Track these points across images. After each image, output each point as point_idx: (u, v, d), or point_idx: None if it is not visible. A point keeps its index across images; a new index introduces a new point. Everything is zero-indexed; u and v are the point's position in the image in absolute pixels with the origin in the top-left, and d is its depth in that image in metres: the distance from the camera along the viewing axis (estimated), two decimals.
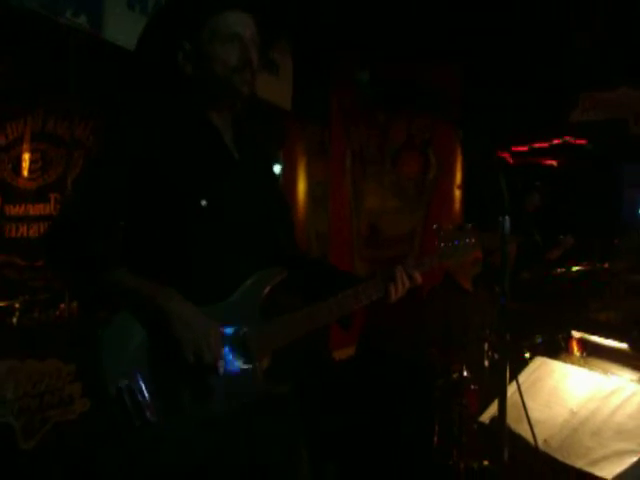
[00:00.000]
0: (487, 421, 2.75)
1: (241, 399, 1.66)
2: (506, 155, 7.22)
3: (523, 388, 2.85)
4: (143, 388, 1.55)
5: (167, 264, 1.68)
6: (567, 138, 6.73)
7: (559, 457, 2.41)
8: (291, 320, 1.75)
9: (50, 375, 2.89)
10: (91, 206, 1.65)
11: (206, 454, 1.62)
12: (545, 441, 2.51)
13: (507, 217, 1.81)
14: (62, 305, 4.90)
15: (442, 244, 2.03)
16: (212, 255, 1.71)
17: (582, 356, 2.96)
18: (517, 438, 2.60)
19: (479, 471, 3.47)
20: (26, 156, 6.75)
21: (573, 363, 2.84)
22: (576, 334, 3.02)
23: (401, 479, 3.86)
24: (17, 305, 4.62)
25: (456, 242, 2.05)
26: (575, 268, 4.14)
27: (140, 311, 1.59)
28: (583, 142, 6.77)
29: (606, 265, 4.36)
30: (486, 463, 3.42)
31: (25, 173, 6.72)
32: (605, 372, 2.69)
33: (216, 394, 1.62)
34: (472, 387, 3.71)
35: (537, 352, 3.72)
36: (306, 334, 1.77)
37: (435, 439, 3.79)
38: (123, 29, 3.14)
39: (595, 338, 2.95)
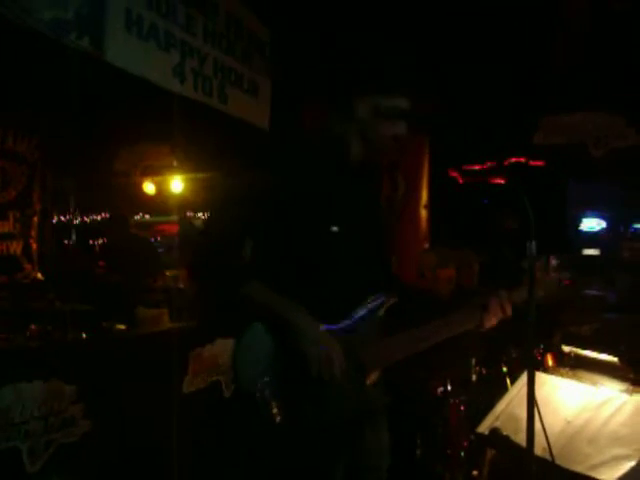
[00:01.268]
0: (486, 432, 2.88)
1: (354, 409, 1.83)
2: (456, 174, 7.47)
3: (516, 401, 3.02)
4: (271, 392, 1.73)
5: (298, 283, 1.84)
6: (520, 158, 7.00)
7: (560, 464, 2.56)
8: (395, 342, 1.93)
9: (54, 396, 2.88)
10: (236, 229, 1.84)
11: (318, 457, 1.77)
12: (544, 449, 2.65)
13: (534, 241, 1.94)
14: (32, 326, 4.82)
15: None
16: (338, 276, 1.87)
17: (570, 369, 3.12)
18: (515, 447, 2.74)
19: None
20: None
21: (562, 376, 3.01)
22: (565, 348, 3.19)
23: None
24: None
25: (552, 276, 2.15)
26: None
27: (271, 323, 1.76)
28: (538, 163, 7.04)
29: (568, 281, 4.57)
30: (475, 473, 3.55)
31: None
32: (594, 383, 2.86)
33: (333, 404, 1.78)
34: (451, 401, 3.85)
35: (513, 366, 3.91)
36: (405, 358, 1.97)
37: (418, 452, 3.92)
38: (122, 51, 3.18)
39: (584, 352, 3.13)
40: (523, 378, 3.09)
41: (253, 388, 1.72)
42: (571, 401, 2.82)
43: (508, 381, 3.77)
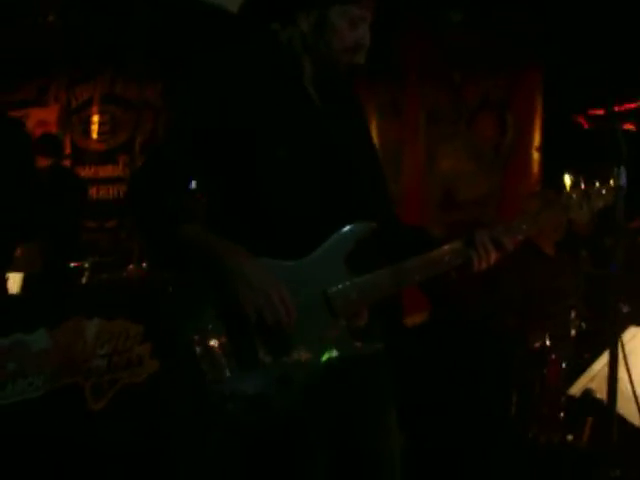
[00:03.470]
0: (578, 394, 2.58)
1: (324, 357, 1.58)
2: (581, 119, 6.87)
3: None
4: (216, 344, 1.52)
5: (245, 221, 1.64)
6: None
7: None
8: (377, 279, 1.65)
9: (118, 336, 2.84)
10: (170, 158, 1.64)
11: (282, 412, 1.56)
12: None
13: (623, 168, 1.65)
14: (130, 266, 4.91)
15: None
16: (291, 210, 1.64)
17: None
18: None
19: (561, 446, 3.30)
20: (95, 118, 6.82)
21: None
22: None
23: (477, 451, 3.69)
24: (87, 265, 4.66)
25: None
26: None
27: (207, 268, 1.55)
28: None
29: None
30: (570, 438, 3.23)
31: (94, 135, 6.80)
32: None
33: (293, 352, 1.55)
34: (552, 357, 3.52)
35: (622, 322, 3.51)
36: (390, 295, 1.69)
37: (513, 410, 3.63)
38: None
39: None
40: (625, 336, 2.74)
41: (192, 342, 1.51)
42: None
43: None
